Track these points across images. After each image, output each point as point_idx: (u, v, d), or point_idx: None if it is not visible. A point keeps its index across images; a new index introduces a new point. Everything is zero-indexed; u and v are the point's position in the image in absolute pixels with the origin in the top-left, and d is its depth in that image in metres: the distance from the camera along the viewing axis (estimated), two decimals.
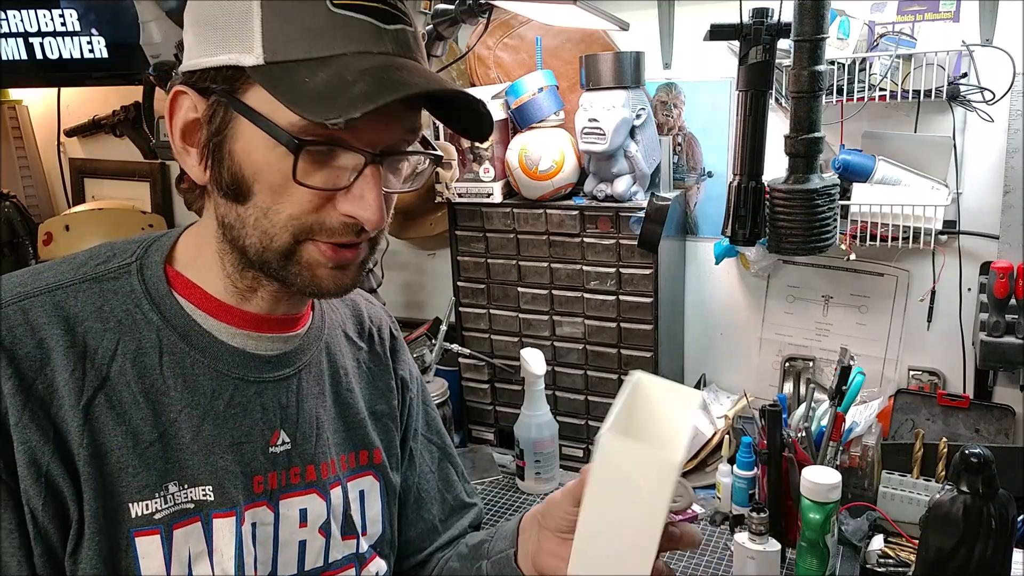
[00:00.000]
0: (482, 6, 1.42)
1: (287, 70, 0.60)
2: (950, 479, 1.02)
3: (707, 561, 1.32)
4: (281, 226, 0.64)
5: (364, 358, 0.89)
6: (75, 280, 0.68)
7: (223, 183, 0.65)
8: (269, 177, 0.63)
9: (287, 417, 0.76)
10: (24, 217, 2.29)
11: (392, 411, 0.90)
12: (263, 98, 0.61)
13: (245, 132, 0.63)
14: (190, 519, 0.68)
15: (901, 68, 1.39)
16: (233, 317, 0.72)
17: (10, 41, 2.04)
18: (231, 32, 0.60)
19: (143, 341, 0.68)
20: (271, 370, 0.75)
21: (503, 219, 1.65)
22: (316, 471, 0.78)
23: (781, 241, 1.22)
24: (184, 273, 0.72)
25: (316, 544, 0.78)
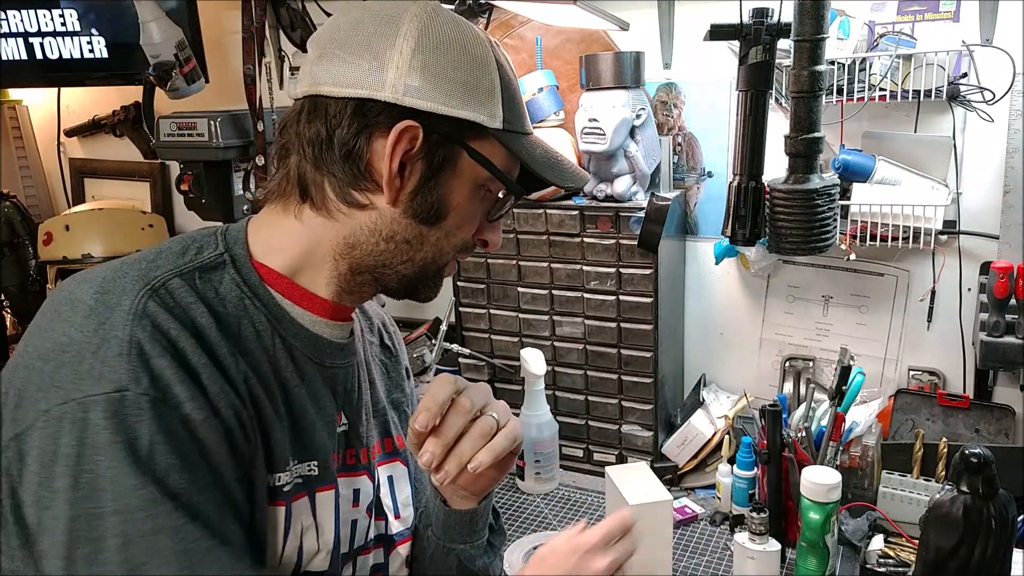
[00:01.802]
0: (482, 6, 1.42)
1: (517, 139, 0.77)
2: (950, 479, 1.02)
3: (707, 561, 1.32)
4: (454, 246, 0.78)
5: (376, 352, 0.94)
6: (191, 267, 0.71)
7: (422, 208, 0.74)
8: (467, 210, 0.76)
9: (348, 401, 0.82)
10: (24, 217, 2.28)
11: (407, 398, 0.97)
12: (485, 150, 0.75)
13: (463, 172, 0.75)
14: (301, 493, 0.74)
15: (901, 68, 1.39)
16: (314, 304, 0.77)
17: (10, 41, 2.03)
18: (479, 97, 0.73)
19: (257, 325, 0.73)
20: (341, 357, 0.81)
21: (503, 219, 1.65)
22: (368, 454, 0.85)
23: (781, 241, 1.22)
24: (266, 263, 0.76)
25: (363, 524, 0.84)
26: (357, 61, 0.71)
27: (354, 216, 0.75)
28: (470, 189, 0.76)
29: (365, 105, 0.71)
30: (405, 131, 0.71)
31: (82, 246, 2.07)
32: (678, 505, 1.48)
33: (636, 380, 1.60)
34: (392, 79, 0.71)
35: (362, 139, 0.72)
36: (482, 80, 0.74)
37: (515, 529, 1.44)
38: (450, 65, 0.72)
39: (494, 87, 0.74)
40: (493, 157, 0.75)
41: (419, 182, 0.73)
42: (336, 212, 0.75)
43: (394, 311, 1.96)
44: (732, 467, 1.43)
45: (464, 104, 0.73)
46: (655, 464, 1.60)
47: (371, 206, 0.74)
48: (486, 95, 0.74)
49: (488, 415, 0.77)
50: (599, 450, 1.68)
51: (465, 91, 0.73)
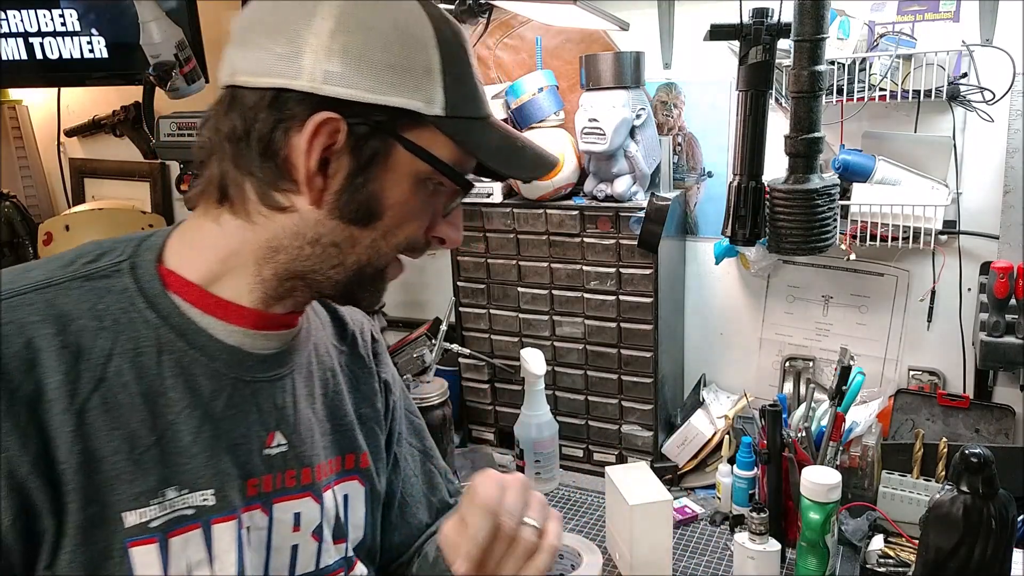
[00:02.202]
0: (482, 6, 1.42)
1: (465, 125, 0.69)
2: (950, 479, 1.02)
3: (707, 561, 1.32)
4: (394, 246, 0.71)
5: (346, 361, 0.88)
6: (66, 278, 0.67)
7: (350, 206, 0.67)
8: (407, 207, 0.70)
9: (283, 418, 0.75)
10: (24, 217, 2.29)
11: (376, 414, 0.89)
12: (424, 140, 0.67)
13: (399, 166, 0.68)
14: (189, 526, 0.66)
15: (901, 68, 1.39)
16: (230, 313, 0.71)
17: (10, 41, 2.03)
18: (412, 81, 0.65)
19: (140, 340, 0.66)
20: (266, 369, 0.74)
21: (503, 219, 1.65)
22: (311, 474, 0.77)
23: (781, 241, 1.22)
24: (179, 271, 0.71)
25: (309, 549, 0.77)
26: (272, 47, 0.64)
27: (275, 219, 0.68)
28: (410, 184, 0.69)
29: (281, 96, 0.64)
30: (324, 124, 0.64)
31: None
32: (678, 505, 1.48)
33: (636, 380, 1.60)
34: (309, 65, 0.64)
35: (279, 134, 0.65)
36: (416, 60, 0.66)
37: None
38: (377, 46, 0.65)
39: (431, 67, 0.66)
40: (435, 147, 0.68)
41: (345, 180, 0.67)
42: (256, 215, 0.69)
43: (393, 311, 1.97)
44: (732, 467, 1.43)
45: (394, 89, 0.65)
46: (655, 464, 1.60)
47: (292, 208, 0.68)
48: (421, 77, 0.66)
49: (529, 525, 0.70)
50: (599, 450, 1.68)
51: (395, 74, 0.65)
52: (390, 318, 1.87)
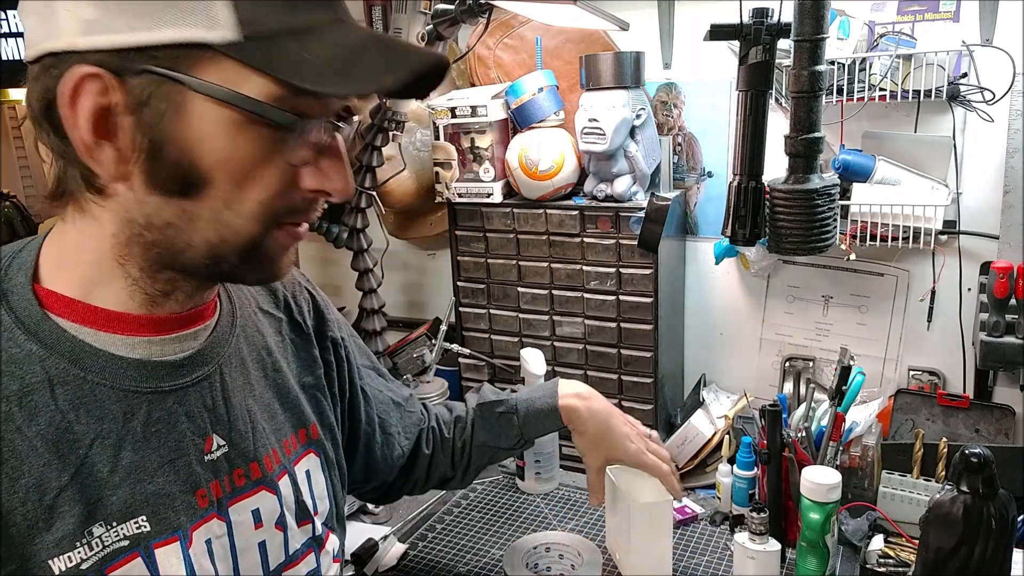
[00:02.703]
0: (482, 6, 1.42)
1: (272, 44, 0.55)
2: (950, 479, 1.02)
3: (707, 561, 1.32)
4: (249, 215, 0.59)
5: (286, 329, 0.84)
6: None
7: (162, 178, 0.57)
8: (236, 163, 0.57)
9: (217, 419, 0.70)
10: (24, 217, 2.28)
11: (319, 381, 0.86)
12: (226, 76, 0.55)
13: (202, 115, 0.56)
14: (127, 557, 0.61)
15: (901, 68, 1.39)
16: (127, 325, 0.63)
17: (10, 41, 2.03)
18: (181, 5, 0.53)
19: (27, 377, 0.59)
20: (186, 373, 0.67)
21: (503, 219, 1.65)
22: (260, 467, 0.74)
23: (781, 241, 1.22)
24: (57, 289, 0.62)
25: (276, 541, 0.75)
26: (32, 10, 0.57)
27: (108, 207, 0.60)
28: (229, 135, 0.56)
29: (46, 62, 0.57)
30: (81, 83, 0.54)
31: None
32: (678, 505, 1.47)
33: (636, 380, 1.60)
34: (63, 19, 0.54)
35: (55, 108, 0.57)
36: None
37: (515, 529, 1.43)
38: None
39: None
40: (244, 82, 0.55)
41: (136, 145, 0.56)
42: (92, 207, 0.60)
43: (393, 311, 1.96)
44: (732, 467, 1.43)
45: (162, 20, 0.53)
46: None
47: (112, 190, 0.59)
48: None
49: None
50: None
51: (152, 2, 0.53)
52: (390, 318, 1.87)
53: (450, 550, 1.36)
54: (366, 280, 1.76)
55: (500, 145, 1.63)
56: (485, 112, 1.60)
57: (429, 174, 1.75)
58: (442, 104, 1.64)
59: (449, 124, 1.64)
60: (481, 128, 1.62)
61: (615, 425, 1.12)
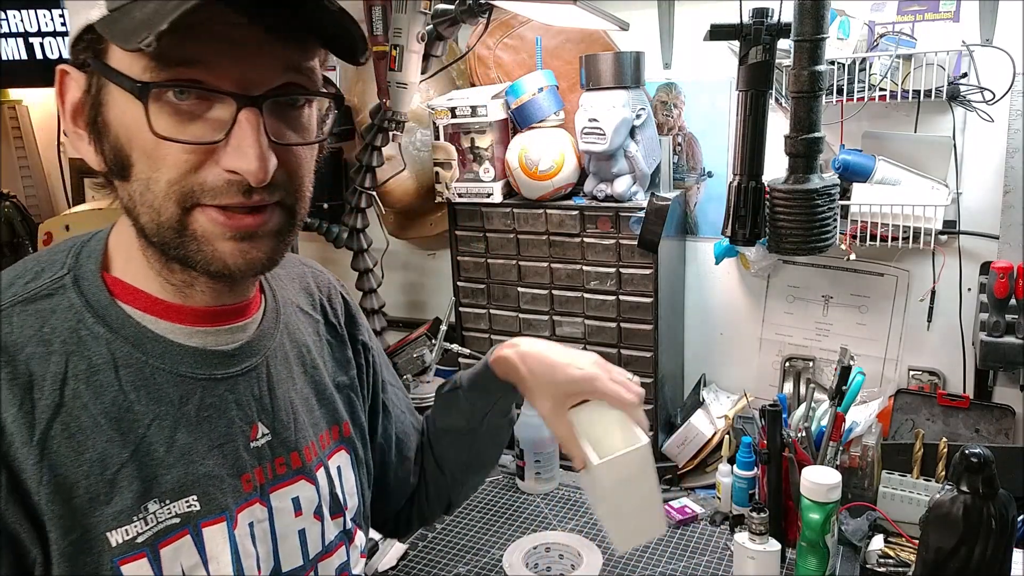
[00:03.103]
0: (482, 6, 1.42)
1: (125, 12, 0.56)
2: (950, 479, 1.02)
3: (707, 561, 1.32)
4: (163, 195, 0.60)
5: (322, 330, 0.87)
6: (5, 304, 0.63)
7: (108, 161, 0.62)
8: (140, 141, 0.59)
9: (263, 408, 0.74)
10: (24, 217, 2.28)
11: (352, 382, 0.89)
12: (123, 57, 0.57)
13: (116, 97, 0.59)
14: (178, 534, 0.65)
15: (901, 68, 1.39)
16: (184, 316, 0.68)
17: (10, 41, 2.03)
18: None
19: (94, 358, 0.63)
20: (237, 363, 0.72)
21: (503, 219, 1.65)
22: (300, 457, 0.77)
23: (781, 241, 1.22)
24: (123, 278, 0.67)
25: (314, 530, 0.78)
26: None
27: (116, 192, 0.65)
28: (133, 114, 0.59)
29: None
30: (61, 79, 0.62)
31: None
32: (678, 505, 1.48)
33: None
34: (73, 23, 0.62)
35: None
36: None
37: (515, 529, 1.44)
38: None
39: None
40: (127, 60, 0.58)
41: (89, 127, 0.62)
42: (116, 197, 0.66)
43: (393, 311, 1.97)
44: (732, 467, 1.43)
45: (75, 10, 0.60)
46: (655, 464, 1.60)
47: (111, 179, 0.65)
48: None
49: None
50: None
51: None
52: (390, 318, 1.87)
53: (450, 550, 1.36)
54: (366, 280, 1.76)
55: (500, 145, 1.63)
56: (485, 112, 1.60)
57: (429, 174, 1.75)
58: (442, 104, 1.64)
59: (449, 124, 1.64)
60: (481, 128, 1.62)
61: (554, 357, 0.89)
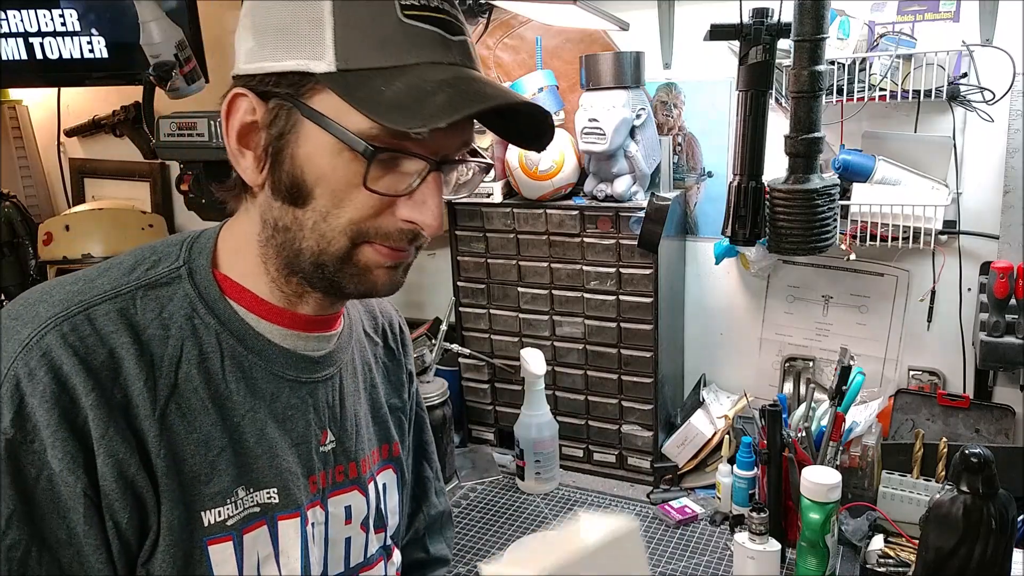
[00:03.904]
0: (482, 6, 1.42)
1: (361, 78, 0.61)
2: (950, 479, 1.02)
3: (707, 561, 1.32)
4: (340, 230, 0.65)
5: (380, 353, 0.90)
6: (132, 286, 0.67)
7: (282, 186, 0.65)
8: (332, 182, 0.64)
9: (333, 416, 0.77)
10: (24, 217, 2.28)
11: (404, 405, 0.93)
12: (333, 104, 0.61)
13: (311, 136, 0.63)
14: (258, 522, 0.69)
15: (901, 68, 1.39)
16: (283, 318, 0.72)
17: (10, 41, 2.03)
18: (300, 38, 0.61)
19: (204, 346, 0.68)
20: (319, 370, 0.75)
21: (503, 219, 1.65)
22: (357, 468, 0.80)
23: (781, 241, 1.22)
24: (230, 276, 0.71)
25: (359, 540, 0.80)
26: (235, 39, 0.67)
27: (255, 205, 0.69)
28: (329, 157, 0.63)
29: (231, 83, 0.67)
30: (233, 101, 0.65)
31: (82, 246, 2.07)
32: (678, 505, 1.48)
33: (636, 380, 1.60)
34: (240, 48, 0.66)
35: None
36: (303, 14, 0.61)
37: (515, 529, 1.44)
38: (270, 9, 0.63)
39: (321, 17, 0.61)
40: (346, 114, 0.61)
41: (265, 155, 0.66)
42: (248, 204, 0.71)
43: None
44: (732, 467, 1.43)
45: (286, 52, 0.62)
46: (655, 464, 1.60)
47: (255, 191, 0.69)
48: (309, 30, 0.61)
49: None
50: (599, 450, 1.68)
51: (283, 35, 0.62)
52: None
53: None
54: None
55: (500, 145, 1.63)
56: None
57: None
58: None
59: None
60: (481, 128, 1.62)
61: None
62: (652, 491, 1.56)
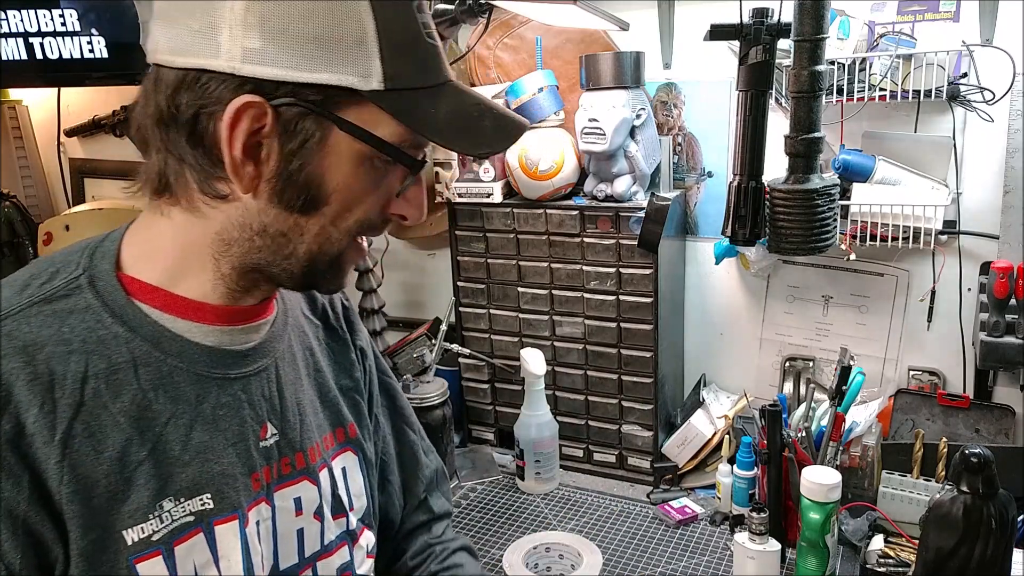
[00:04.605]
0: (482, 6, 1.42)
1: (409, 99, 0.63)
2: (950, 479, 1.02)
3: (707, 561, 1.32)
4: (347, 231, 0.67)
5: (323, 335, 0.88)
6: (24, 304, 0.63)
7: (289, 194, 0.64)
8: (354, 189, 0.65)
9: (272, 408, 0.75)
10: (24, 217, 2.28)
11: (356, 384, 0.90)
12: (366, 116, 0.62)
13: (340, 146, 0.63)
14: (191, 532, 0.66)
15: (901, 68, 1.39)
16: (204, 314, 0.69)
17: (10, 41, 2.03)
18: (344, 54, 0.60)
19: (114, 357, 0.64)
20: (249, 363, 0.73)
21: (503, 219, 1.65)
22: (304, 458, 0.78)
23: (781, 241, 1.22)
24: (139, 277, 0.68)
25: (313, 529, 0.79)
26: (188, 21, 0.60)
27: (221, 209, 0.65)
28: (353, 166, 0.64)
29: (201, 77, 0.60)
30: (244, 108, 0.59)
31: None
32: (678, 505, 1.48)
33: (636, 380, 1.60)
34: (227, 42, 0.59)
35: (203, 119, 0.61)
36: (345, 28, 0.60)
37: (515, 529, 1.44)
38: (298, 15, 0.59)
39: (364, 35, 0.60)
40: (378, 125, 0.63)
41: (278, 166, 0.62)
42: (202, 206, 0.66)
43: (393, 311, 1.97)
44: (732, 467, 1.43)
45: (323, 65, 0.60)
46: (655, 464, 1.60)
47: (234, 196, 0.64)
48: (353, 48, 0.60)
49: None
50: (599, 450, 1.68)
51: (321, 47, 0.59)
52: (390, 318, 1.87)
53: None
54: (366, 280, 1.76)
55: None
56: None
57: (429, 174, 1.75)
58: None
59: None
60: None
61: None
62: (652, 491, 1.56)
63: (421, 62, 0.64)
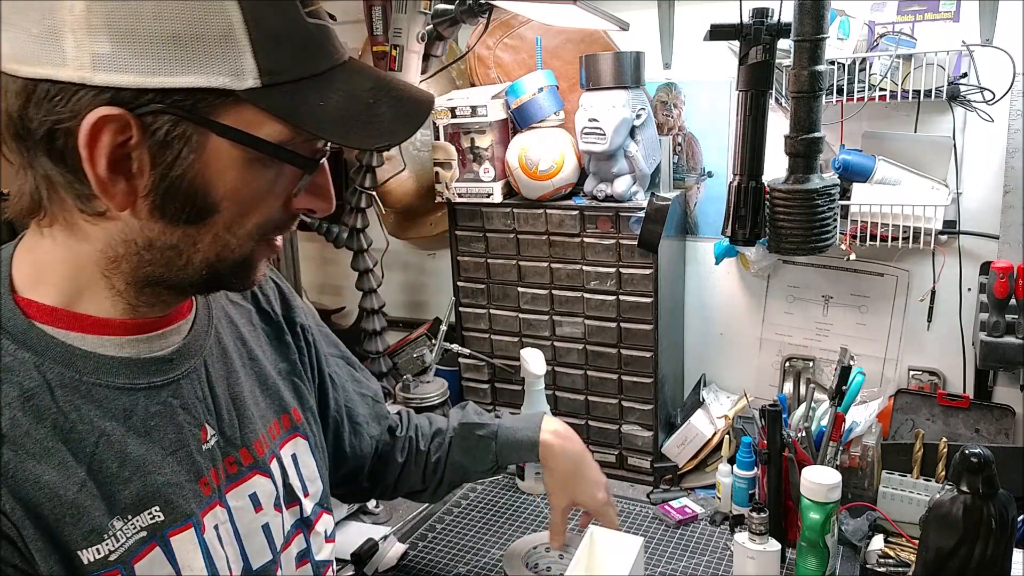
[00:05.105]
0: (482, 6, 1.42)
1: (292, 93, 0.58)
2: (950, 479, 1.02)
3: (707, 561, 1.32)
4: (246, 236, 0.63)
5: (256, 319, 0.86)
6: None
7: (171, 207, 0.59)
8: (244, 194, 0.61)
9: (208, 409, 0.73)
10: None
11: (294, 367, 0.89)
12: (245, 117, 0.57)
13: (220, 152, 0.58)
14: (147, 547, 0.64)
15: (901, 68, 1.39)
16: (112, 328, 0.65)
17: None
18: (208, 53, 0.54)
19: (25, 383, 0.60)
20: (176, 367, 0.70)
21: (503, 219, 1.65)
22: (251, 452, 0.76)
23: (781, 241, 1.22)
24: (37, 299, 0.63)
25: (276, 522, 0.78)
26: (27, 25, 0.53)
27: (102, 226, 0.60)
28: (239, 171, 0.59)
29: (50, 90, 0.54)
30: (102, 123, 0.54)
31: None
32: (678, 505, 1.48)
33: (636, 380, 1.60)
34: (72, 48, 0.52)
35: (59, 136, 0.55)
36: (206, 24, 0.53)
37: (515, 529, 1.44)
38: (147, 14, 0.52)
39: (231, 29, 0.54)
40: (261, 126, 0.58)
41: (152, 180, 0.57)
42: (83, 224, 0.60)
43: (393, 311, 1.97)
44: (732, 467, 1.43)
45: (186, 66, 0.53)
46: (655, 464, 1.60)
47: (112, 214, 0.59)
48: (219, 44, 0.54)
49: None
50: (599, 450, 1.68)
51: (180, 47, 0.53)
52: (390, 318, 1.87)
53: (450, 550, 1.36)
54: (366, 280, 1.76)
55: (500, 145, 1.63)
56: (485, 112, 1.60)
57: (429, 174, 1.75)
58: (442, 104, 1.64)
59: (449, 124, 1.64)
60: (481, 128, 1.62)
61: (586, 471, 1.14)
62: (652, 491, 1.56)
63: (302, 49, 0.58)
